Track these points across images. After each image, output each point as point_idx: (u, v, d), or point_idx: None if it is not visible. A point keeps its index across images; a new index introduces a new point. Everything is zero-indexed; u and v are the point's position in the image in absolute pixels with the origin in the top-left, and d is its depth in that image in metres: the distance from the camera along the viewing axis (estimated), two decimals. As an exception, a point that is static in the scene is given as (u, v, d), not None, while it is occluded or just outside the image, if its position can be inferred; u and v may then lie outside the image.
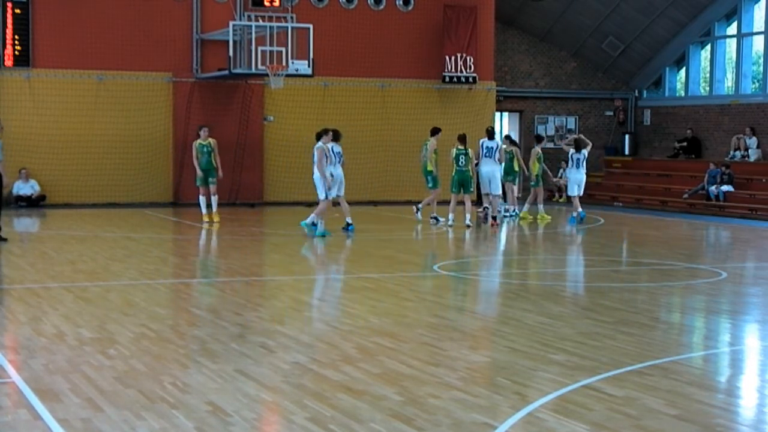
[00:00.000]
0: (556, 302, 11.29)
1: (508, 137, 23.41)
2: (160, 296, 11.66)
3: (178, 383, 7.33)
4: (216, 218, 20.36)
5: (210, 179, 20.30)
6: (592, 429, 6.30)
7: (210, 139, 20.30)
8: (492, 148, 20.96)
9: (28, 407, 6.68)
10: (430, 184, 21.32)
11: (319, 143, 18.09)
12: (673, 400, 6.99)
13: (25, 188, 24.44)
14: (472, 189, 20.61)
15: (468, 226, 19.94)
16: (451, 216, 20.41)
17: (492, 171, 20.88)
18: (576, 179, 22.00)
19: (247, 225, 20.97)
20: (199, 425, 6.30)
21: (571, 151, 22.03)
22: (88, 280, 12.64)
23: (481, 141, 21.22)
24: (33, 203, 24.37)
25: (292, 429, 6.30)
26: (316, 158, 18.10)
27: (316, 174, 18.16)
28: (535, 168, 22.48)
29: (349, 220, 18.86)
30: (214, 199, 20.40)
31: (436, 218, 21.01)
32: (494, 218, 20.77)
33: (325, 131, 18.32)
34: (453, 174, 20.38)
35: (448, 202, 20.85)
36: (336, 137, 18.44)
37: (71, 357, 8.18)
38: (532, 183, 22.91)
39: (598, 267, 15.35)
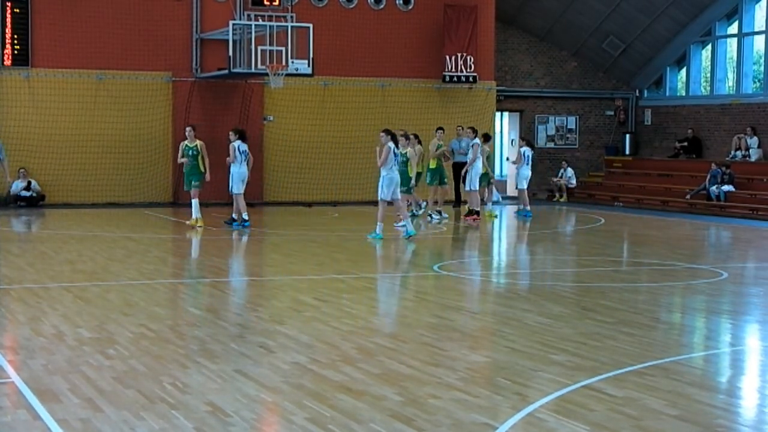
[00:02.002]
0: (556, 302, 11.27)
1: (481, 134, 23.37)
2: (159, 296, 11.64)
3: (177, 383, 7.31)
4: (196, 223, 19.47)
5: (194, 183, 19.39)
6: (593, 429, 6.28)
7: (198, 141, 19.40)
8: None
9: (28, 407, 6.67)
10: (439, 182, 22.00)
11: (238, 141, 19.27)
12: (674, 401, 6.97)
13: (20, 186, 24.35)
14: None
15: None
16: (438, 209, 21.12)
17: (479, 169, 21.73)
18: (526, 175, 23.19)
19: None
20: (199, 425, 6.28)
21: (527, 149, 23.04)
22: (88, 280, 12.62)
23: (476, 140, 21.70)
24: (32, 203, 24.34)
25: (291, 429, 6.28)
26: (243, 156, 19.31)
27: (239, 169, 19.27)
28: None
29: (245, 216, 19.48)
30: (195, 203, 19.53)
31: (439, 213, 21.48)
32: (477, 213, 21.61)
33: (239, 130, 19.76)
34: (433, 168, 21.18)
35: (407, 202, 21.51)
36: (243, 136, 19.54)
37: (70, 357, 8.16)
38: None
39: (598, 267, 15.33)
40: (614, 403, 6.90)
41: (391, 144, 17.42)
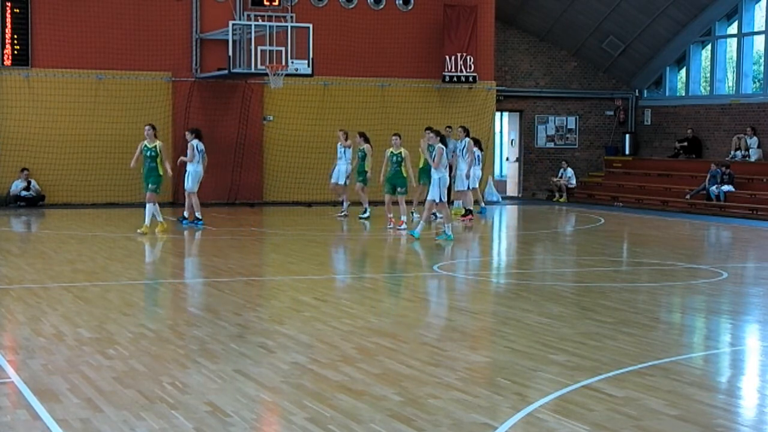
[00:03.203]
0: (556, 302, 11.27)
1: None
2: (159, 296, 11.64)
3: (177, 383, 7.31)
4: (146, 230, 18.21)
5: (150, 186, 18.22)
6: (593, 429, 6.28)
7: (157, 142, 18.45)
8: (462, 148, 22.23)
9: (27, 407, 6.67)
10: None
11: (196, 141, 19.53)
12: (674, 401, 6.97)
13: (20, 186, 24.32)
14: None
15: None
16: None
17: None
18: (478, 175, 23.40)
19: (247, 225, 20.93)
20: (199, 425, 6.28)
21: (477, 150, 23.07)
22: (87, 279, 12.62)
23: (466, 140, 22.05)
24: (32, 203, 24.34)
25: (291, 429, 6.28)
26: (200, 155, 19.55)
27: (197, 168, 19.52)
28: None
29: (198, 215, 19.76)
30: (155, 209, 18.32)
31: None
32: (470, 212, 21.94)
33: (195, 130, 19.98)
34: (422, 167, 20.84)
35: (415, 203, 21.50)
36: (199, 136, 19.79)
37: (70, 357, 8.16)
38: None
39: (598, 267, 15.33)
40: (614, 403, 6.90)
41: (441, 145, 17.42)
